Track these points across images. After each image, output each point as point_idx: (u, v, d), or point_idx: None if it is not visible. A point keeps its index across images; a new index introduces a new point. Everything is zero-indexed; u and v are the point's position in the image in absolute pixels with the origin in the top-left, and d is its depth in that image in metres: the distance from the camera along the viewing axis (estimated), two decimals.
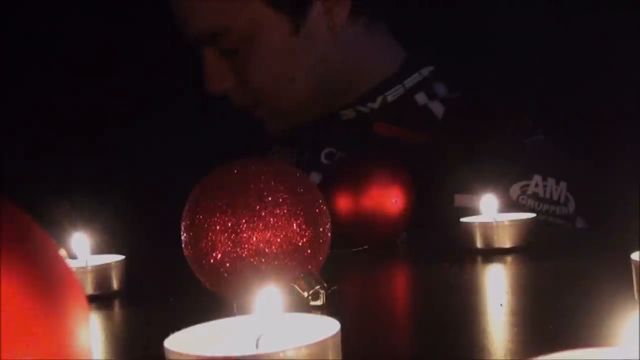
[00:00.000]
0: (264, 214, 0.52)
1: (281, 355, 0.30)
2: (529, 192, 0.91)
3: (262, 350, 0.33)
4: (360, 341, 0.44)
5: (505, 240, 0.68)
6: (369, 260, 0.75)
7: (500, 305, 0.50)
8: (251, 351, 0.33)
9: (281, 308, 0.35)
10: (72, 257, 0.64)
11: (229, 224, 0.51)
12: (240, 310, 0.35)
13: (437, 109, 1.00)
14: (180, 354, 0.31)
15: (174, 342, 0.32)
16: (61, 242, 0.64)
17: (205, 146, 1.09)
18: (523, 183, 0.91)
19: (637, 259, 0.43)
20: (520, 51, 1.09)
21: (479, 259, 0.67)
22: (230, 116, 1.08)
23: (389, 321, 0.52)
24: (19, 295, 0.24)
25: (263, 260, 0.51)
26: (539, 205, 0.91)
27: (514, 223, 0.69)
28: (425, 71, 1.03)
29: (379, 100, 1.02)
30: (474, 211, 0.75)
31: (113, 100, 1.23)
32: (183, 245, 0.55)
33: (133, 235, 0.85)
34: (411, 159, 0.83)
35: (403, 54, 1.06)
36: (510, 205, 0.87)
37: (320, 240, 0.54)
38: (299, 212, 0.53)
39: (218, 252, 0.52)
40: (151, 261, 0.78)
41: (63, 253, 0.60)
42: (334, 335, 0.32)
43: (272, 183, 0.53)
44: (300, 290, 0.51)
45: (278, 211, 0.52)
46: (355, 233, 0.76)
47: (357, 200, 0.76)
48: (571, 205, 0.91)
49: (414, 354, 0.43)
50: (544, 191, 0.91)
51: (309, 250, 0.53)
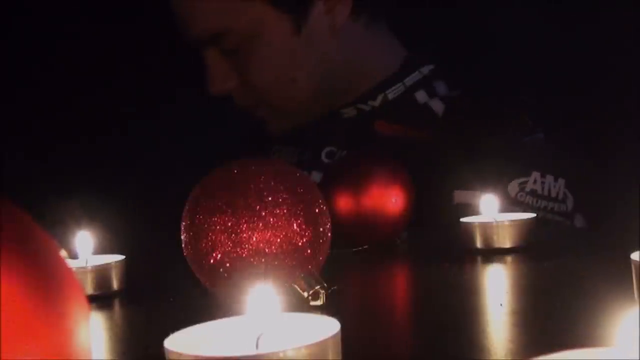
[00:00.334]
0: (264, 214, 0.52)
1: (281, 355, 0.30)
2: (528, 189, 0.91)
3: (262, 350, 0.33)
4: (360, 341, 0.44)
5: (505, 240, 0.68)
6: (369, 260, 0.75)
7: (500, 305, 0.50)
8: (251, 351, 0.33)
9: (281, 308, 0.35)
10: (73, 257, 0.64)
11: (229, 224, 0.52)
12: (241, 310, 0.35)
13: (438, 107, 1.00)
14: (180, 354, 0.31)
15: (174, 342, 0.32)
16: (62, 242, 0.64)
17: (207, 146, 1.09)
18: (522, 180, 0.91)
19: (637, 259, 0.43)
20: (520, 50, 1.09)
21: (479, 259, 0.67)
22: (231, 116, 1.08)
23: (389, 321, 0.51)
24: (19, 295, 0.24)
25: (263, 260, 0.51)
26: (537, 202, 0.91)
27: (514, 223, 0.69)
28: (426, 69, 1.03)
29: (380, 98, 1.02)
30: (473, 208, 0.75)
31: (114, 100, 1.23)
32: (183, 245, 0.55)
33: (133, 235, 0.85)
34: (411, 157, 0.83)
35: (403, 52, 1.06)
36: (508, 202, 0.87)
37: (320, 240, 0.54)
38: (299, 212, 0.53)
39: (218, 252, 0.52)
40: (151, 261, 0.78)
41: (63, 253, 0.60)
42: (334, 335, 0.32)
43: (272, 183, 0.53)
44: (300, 290, 0.51)
45: (278, 211, 0.52)
46: (355, 233, 0.76)
47: (357, 200, 0.76)
48: (570, 202, 0.91)
49: (414, 354, 0.43)
50: (542, 188, 0.91)
51: (309, 250, 0.53)
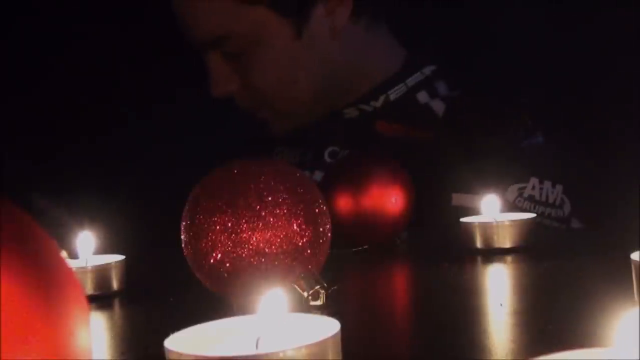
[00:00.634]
0: (264, 214, 0.52)
1: (281, 355, 0.30)
2: (526, 195, 0.91)
3: (262, 350, 0.33)
4: (360, 341, 0.44)
5: (505, 240, 0.68)
6: (369, 260, 0.75)
7: (501, 305, 0.50)
8: (251, 351, 0.33)
9: (281, 308, 0.35)
10: (73, 257, 0.64)
11: (229, 224, 0.51)
12: (241, 310, 0.35)
13: (438, 107, 1.00)
14: (180, 354, 0.31)
15: (174, 342, 0.32)
16: (62, 242, 0.64)
17: (208, 146, 1.09)
18: (520, 185, 0.92)
19: (637, 259, 0.43)
20: (521, 50, 1.09)
21: (479, 259, 0.67)
22: (234, 117, 1.08)
23: (389, 321, 0.51)
24: (19, 295, 0.24)
25: (263, 260, 0.51)
26: (534, 207, 0.91)
27: (514, 223, 0.69)
28: (427, 70, 1.03)
29: (382, 99, 1.03)
30: (471, 210, 0.75)
31: (115, 101, 1.23)
32: (183, 245, 0.55)
33: (133, 235, 0.85)
34: (411, 157, 0.84)
35: (404, 53, 1.06)
36: (507, 207, 0.87)
37: (320, 240, 0.54)
38: (299, 212, 0.53)
39: (218, 252, 0.52)
40: (151, 261, 0.78)
41: (64, 253, 0.60)
42: (334, 335, 0.32)
43: (272, 183, 0.53)
44: (300, 290, 0.51)
45: (278, 211, 0.52)
46: (355, 233, 0.76)
47: (357, 200, 0.76)
48: (567, 207, 0.92)
49: (414, 354, 0.43)
50: (540, 194, 0.92)
51: (309, 250, 0.53)
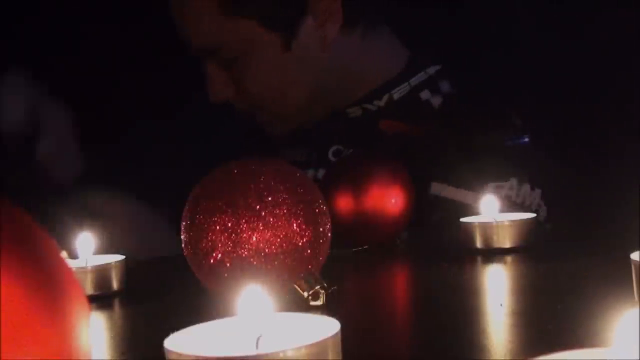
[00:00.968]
0: (264, 214, 0.52)
1: (281, 355, 0.30)
2: (502, 194, 0.92)
3: (262, 350, 0.33)
4: (360, 341, 0.44)
5: (505, 240, 0.68)
6: (369, 260, 0.75)
7: (500, 305, 0.50)
8: (251, 351, 0.33)
9: (281, 308, 0.35)
10: (73, 257, 0.64)
11: (229, 224, 0.51)
12: (240, 310, 0.35)
13: (436, 102, 1.01)
14: (180, 354, 0.31)
15: (174, 342, 0.32)
16: (62, 242, 0.64)
17: (209, 147, 1.10)
18: (498, 184, 0.92)
19: (637, 259, 0.43)
20: (522, 50, 1.09)
21: (479, 259, 0.67)
22: (237, 118, 1.09)
23: (389, 321, 0.51)
24: (18, 296, 0.24)
25: (263, 260, 0.51)
26: (510, 208, 0.92)
27: (514, 223, 0.69)
28: (432, 70, 1.04)
29: (385, 98, 1.03)
30: (450, 202, 0.75)
31: (116, 100, 1.23)
32: (183, 245, 0.55)
33: (133, 235, 0.85)
34: (410, 152, 0.84)
35: (407, 53, 1.06)
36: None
37: (320, 240, 0.54)
38: (299, 212, 0.53)
39: (218, 252, 0.52)
40: (151, 261, 0.78)
41: (64, 253, 0.60)
42: (334, 335, 0.32)
43: (272, 183, 0.53)
44: (300, 290, 0.51)
45: (278, 211, 0.52)
46: (355, 233, 0.76)
47: (357, 200, 0.76)
48: (543, 212, 0.92)
49: (413, 354, 0.43)
50: (517, 195, 0.92)
51: (309, 250, 0.53)
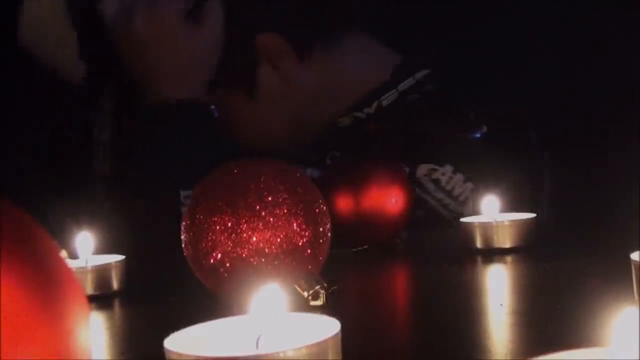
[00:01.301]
0: (264, 214, 0.52)
1: (281, 355, 0.30)
2: (433, 177, 0.93)
3: (262, 350, 0.33)
4: (360, 341, 0.44)
5: (505, 240, 0.68)
6: (369, 260, 0.75)
7: (501, 305, 0.50)
8: (251, 351, 0.33)
9: (281, 308, 0.35)
10: (73, 257, 0.64)
11: (229, 224, 0.51)
12: (240, 310, 0.35)
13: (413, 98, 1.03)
14: (180, 354, 0.31)
15: (174, 342, 0.32)
16: (62, 242, 0.64)
17: (211, 148, 1.10)
18: (433, 166, 0.94)
19: (637, 259, 0.43)
20: (522, 52, 1.09)
21: (479, 259, 0.67)
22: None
23: (389, 321, 0.51)
24: (18, 296, 0.24)
25: (263, 260, 0.51)
26: (436, 191, 0.93)
27: (514, 223, 0.69)
28: (420, 75, 1.04)
29: (374, 105, 1.04)
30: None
31: (116, 101, 1.22)
32: (183, 245, 0.55)
33: (133, 235, 0.85)
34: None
35: (395, 60, 1.07)
36: (411, 179, 0.92)
37: (320, 240, 0.54)
38: (299, 212, 0.53)
39: (218, 252, 0.52)
40: (151, 261, 0.78)
41: (64, 253, 0.60)
42: (334, 335, 0.32)
43: (272, 183, 0.53)
44: (300, 290, 0.51)
45: (278, 211, 0.52)
46: (355, 233, 0.76)
47: (357, 200, 0.76)
48: (469, 207, 0.93)
49: (414, 354, 0.43)
50: (448, 182, 0.93)
51: (309, 250, 0.53)
